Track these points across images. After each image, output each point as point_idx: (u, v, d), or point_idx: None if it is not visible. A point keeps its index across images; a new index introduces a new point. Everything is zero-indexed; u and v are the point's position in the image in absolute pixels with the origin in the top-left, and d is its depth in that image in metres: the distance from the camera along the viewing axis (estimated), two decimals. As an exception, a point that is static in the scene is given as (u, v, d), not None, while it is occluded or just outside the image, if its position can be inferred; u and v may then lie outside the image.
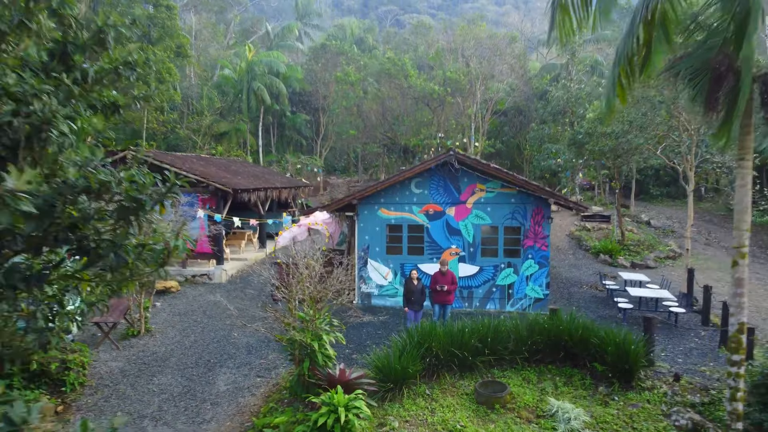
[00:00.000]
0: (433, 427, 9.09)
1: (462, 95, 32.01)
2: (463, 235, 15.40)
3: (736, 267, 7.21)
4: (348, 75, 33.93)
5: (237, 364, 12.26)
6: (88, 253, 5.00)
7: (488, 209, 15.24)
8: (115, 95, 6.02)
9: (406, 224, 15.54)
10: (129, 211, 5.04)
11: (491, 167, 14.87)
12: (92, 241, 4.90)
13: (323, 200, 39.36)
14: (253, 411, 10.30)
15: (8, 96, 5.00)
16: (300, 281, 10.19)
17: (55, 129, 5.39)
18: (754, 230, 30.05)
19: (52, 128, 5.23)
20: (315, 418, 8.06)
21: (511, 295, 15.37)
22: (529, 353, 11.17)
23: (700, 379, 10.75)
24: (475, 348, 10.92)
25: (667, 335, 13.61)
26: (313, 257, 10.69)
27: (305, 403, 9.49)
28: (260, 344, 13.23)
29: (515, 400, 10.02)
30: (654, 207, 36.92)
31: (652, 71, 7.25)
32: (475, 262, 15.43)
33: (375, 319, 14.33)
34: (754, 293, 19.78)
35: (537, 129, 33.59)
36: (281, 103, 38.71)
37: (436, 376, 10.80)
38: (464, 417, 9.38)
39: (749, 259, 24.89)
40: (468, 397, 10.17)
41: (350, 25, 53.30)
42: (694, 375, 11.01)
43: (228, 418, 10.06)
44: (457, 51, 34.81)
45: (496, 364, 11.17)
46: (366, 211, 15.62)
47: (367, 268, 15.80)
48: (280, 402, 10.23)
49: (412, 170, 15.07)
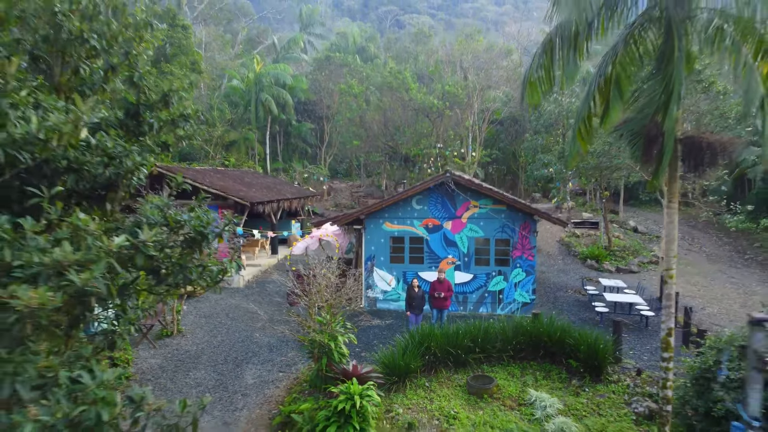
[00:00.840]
0: (431, 413, 10.93)
1: (460, 107, 33.84)
2: (459, 246, 17.24)
3: (666, 285, 9.02)
4: (351, 87, 35.78)
5: (261, 360, 14.08)
6: (158, 273, 6.87)
7: (481, 223, 17.08)
8: (167, 137, 8.00)
9: (408, 236, 17.38)
10: (195, 242, 6.94)
11: (483, 187, 16.72)
12: (162, 263, 6.76)
13: (327, 205, 41.15)
14: (278, 401, 12.12)
15: (106, 155, 6.95)
16: (319, 291, 12.03)
17: (136, 176, 7.47)
18: (733, 236, 31.91)
19: (134, 176, 7.29)
20: (335, 404, 9.88)
21: (501, 300, 17.22)
22: (514, 351, 13.01)
23: (660, 373, 12.58)
24: (467, 347, 12.75)
25: (637, 336, 15.45)
26: (329, 269, 12.52)
27: (324, 393, 11.30)
28: (280, 344, 15.06)
29: (501, 391, 11.85)
30: (643, 212, 38.72)
31: (610, 123, 9.10)
32: (469, 270, 17.27)
33: (381, 323, 16.17)
34: (726, 297, 21.57)
35: (531, 139, 35.39)
36: (287, 112, 40.54)
37: (434, 371, 12.63)
38: (457, 405, 11.22)
39: (726, 265, 26.68)
40: (461, 388, 12.00)
41: (352, 33, 55.12)
42: (655, 370, 12.83)
43: (257, 406, 11.87)
44: (456, 63, 36.61)
45: (485, 361, 13.01)
46: (372, 225, 17.46)
47: (373, 275, 17.64)
48: (301, 393, 12.05)
49: (414, 189, 16.93)
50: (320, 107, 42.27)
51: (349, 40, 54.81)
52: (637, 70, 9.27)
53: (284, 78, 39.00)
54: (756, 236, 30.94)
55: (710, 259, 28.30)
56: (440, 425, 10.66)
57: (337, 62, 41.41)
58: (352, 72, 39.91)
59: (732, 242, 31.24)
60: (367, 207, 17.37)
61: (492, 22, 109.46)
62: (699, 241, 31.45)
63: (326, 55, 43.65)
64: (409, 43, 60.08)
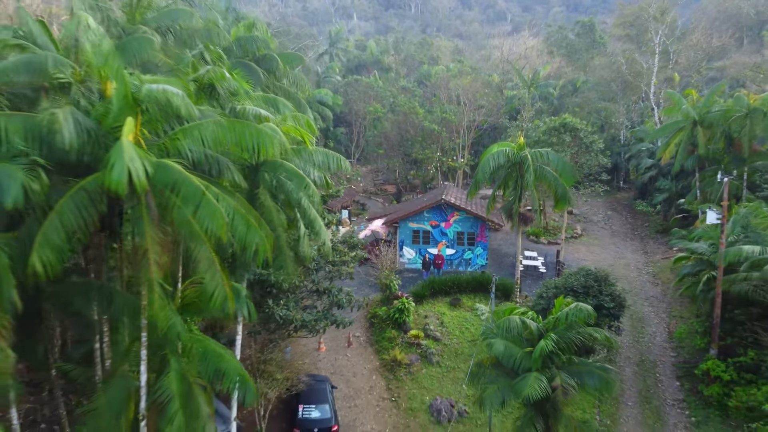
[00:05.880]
0: (434, 312, 26.83)
1: (454, 127, 48.47)
2: (448, 235, 32.71)
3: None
4: (377, 110, 50.30)
5: (357, 293, 29.72)
6: (320, 293, 22.66)
7: (460, 224, 32.48)
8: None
9: (422, 230, 32.79)
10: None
11: (460, 206, 32.03)
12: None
13: (357, 189, 56.20)
14: (367, 309, 27.80)
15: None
16: (383, 258, 27.60)
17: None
18: (638, 217, 47.05)
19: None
20: (397, 305, 25.56)
21: (470, 263, 32.85)
22: (471, 288, 28.77)
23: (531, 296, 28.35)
24: (450, 285, 28.51)
25: (535, 281, 31.07)
26: (382, 247, 28.10)
27: (388, 305, 26.95)
28: (362, 285, 30.62)
29: (464, 304, 27.70)
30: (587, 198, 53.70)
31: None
32: (454, 248, 32.81)
33: (409, 275, 31.87)
34: (604, 259, 36.96)
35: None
36: (326, 122, 55.05)
37: (435, 296, 28.42)
38: (445, 309, 27.15)
39: (619, 239, 41.81)
40: (447, 303, 27.82)
41: (370, 46, 69.21)
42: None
43: (360, 314, 27.50)
44: (452, 95, 51.39)
45: (458, 292, 28.77)
46: (402, 224, 32.86)
47: (403, 250, 33.19)
48: (376, 305, 27.74)
49: (424, 206, 32.31)
50: (350, 116, 56.61)
51: (367, 51, 68.81)
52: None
53: (326, 99, 53.11)
54: (650, 218, 46.15)
55: (613, 234, 43.76)
56: (438, 316, 26.59)
57: (364, 85, 55.63)
58: (376, 95, 54.36)
59: (633, 222, 46.65)
60: (399, 216, 32.81)
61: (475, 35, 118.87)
62: (612, 221, 46.77)
63: (355, 78, 57.80)
64: (415, 50, 74.01)
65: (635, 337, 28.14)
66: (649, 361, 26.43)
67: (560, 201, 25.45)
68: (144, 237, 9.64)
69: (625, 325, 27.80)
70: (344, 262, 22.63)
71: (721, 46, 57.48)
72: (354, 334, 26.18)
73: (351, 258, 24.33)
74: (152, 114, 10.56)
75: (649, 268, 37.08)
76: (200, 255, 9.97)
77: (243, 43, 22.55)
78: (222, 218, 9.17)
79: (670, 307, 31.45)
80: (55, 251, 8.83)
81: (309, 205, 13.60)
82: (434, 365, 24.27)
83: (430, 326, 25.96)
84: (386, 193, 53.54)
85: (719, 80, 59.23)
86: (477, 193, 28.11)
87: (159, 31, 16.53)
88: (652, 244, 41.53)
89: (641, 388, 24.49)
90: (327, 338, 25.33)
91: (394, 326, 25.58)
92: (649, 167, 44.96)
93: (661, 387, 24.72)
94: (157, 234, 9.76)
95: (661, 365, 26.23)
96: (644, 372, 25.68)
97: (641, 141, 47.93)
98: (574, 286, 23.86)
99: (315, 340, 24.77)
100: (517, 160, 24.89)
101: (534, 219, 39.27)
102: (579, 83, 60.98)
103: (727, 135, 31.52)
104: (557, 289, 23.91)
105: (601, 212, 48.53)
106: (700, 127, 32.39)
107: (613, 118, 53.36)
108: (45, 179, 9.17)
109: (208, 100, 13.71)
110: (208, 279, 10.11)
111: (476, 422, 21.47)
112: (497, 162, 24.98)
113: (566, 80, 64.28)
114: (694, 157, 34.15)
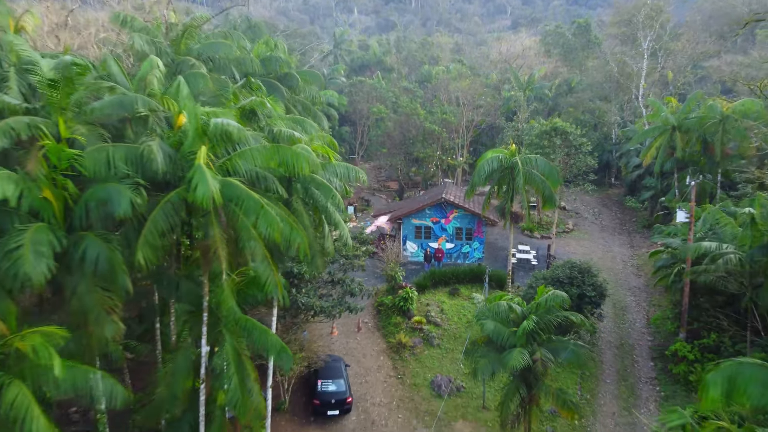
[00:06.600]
0: (434, 301, 29.89)
1: (453, 127, 51.29)
2: (448, 231, 35.69)
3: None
4: (380, 111, 53.09)
5: (366, 283, 32.74)
6: (335, 283, 25.68)
7: (458, 220, 35.44)
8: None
9: (423, 226, 35.75)
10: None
11: (459, 205, 34.95)
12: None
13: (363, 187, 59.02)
14: (374, 298, 30.83)
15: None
16: (388, 252, 30.58)
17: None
18: (627, 212, 50.02)
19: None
20: (401, 294, 28.58)
21: (468, 256, 35.86)
22: (468, 279, 31.81)
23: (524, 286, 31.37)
24: (450, 276, 31.56)
25: (527, 273, 34.08)
26: (388, 241, 31.08)
27: (394, 294, 29.95)
28: (369, 277, 33.62)
29: (462, 294, 30.75)
30: (579, 194, 56.59)
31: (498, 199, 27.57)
32: (453, 242, 35.81)
33: (412, 267, 34.87)
34: (593, 252, 39.98)
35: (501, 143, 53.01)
36: (332, 121, 57.80)
37: (435, 286, 31.46)
38: (445, 298, 30.21)
39: (608, 233, 44.82)
40: (446, 293, 30.88)
41: (372, 46, 71.89)
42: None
43: (368, 303, 30.54)
44: (452, 96, 54.11)
45: (457, 282, 31.82)
46: (405, 220, 35.82)
47: (406, 244, 36.16)
48: (383, 294, 30.78)
49: (425, 204, 35.24)
50: (355, 115, 59.37)
51: (370, 51, 71.49)
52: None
53: (332, 100, 55.84)
54: (638, 214, 49.11)
55: (602, 229, 46.76)
56: (438, 304, 29.66)
57: (368, 86, 58.38)
58: (379, 95, 57.12)
59: (622, 217, 49.65)
60: (403, 213, 35.76)
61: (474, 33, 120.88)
62: (602, 216, 49.76)
63: (359, 80, 60.55)
64: (417, 50, 76.61)
65: (617, 324, 31.18)
66: (628, 345, 29.49)
67: (547, 201, 28.53)
68: (214, 238, 12.59)
69: (609, 312, 30.92)
70: (356, 255, 25.63)
71: (710, 48, 59.95)
72: (363, 321, 29.22)
73: (362, 252, 27.34)
74: (215, 141, 13.49)
75: (634, 260, 40.11)
76: (256, 251, 12.92)
77: (267, 63, 25.45)
78: (278, 225, 12.07)
79: (650, 296, 34.52)
80: (152, 249, 11.77)
81: (334, 210, 16.61)
82: (435, 347, 27.32)
83: (432, 313, 29.00)
84: (389, 189, 56.50)
85: (710, 79, 62.12)
86: (474, 193, 31.18)
87: (200, 59, 19.40)
88: (638, 238, 44.52)
89: (619, 368, 27.55)
90: (339, 324, 28.34)
91: (399, 313, 28.62)
92: (637, 166, 47.77)
93: (637, 367, 27.80)
94: (223, 235, 12.71)
95: (639, 348, 29.30)
96: (623, 354, 28.74)
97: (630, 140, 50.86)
98: (560, 277, 26.87)
99: (329, 325, 27.82)
100: (508, 165, 27.92)
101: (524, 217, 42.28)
102: (574, 83, 63.62)
103: (702, 139, 34.48)
104: (545, 279, 26.93)
105: (592, 208, 51.48)
106: (678, 132, 35.36)
107: (606, 117, 56.14)
108: (145, 195, 12.10)
109: (249, 123, 16.65)
110: (261, 270, 13.06)
111: (472, 395, 24.53)
112: (491, 167, 28.04)
113: (562, 80, 66.91)
114: (673, 159, 37.11)
